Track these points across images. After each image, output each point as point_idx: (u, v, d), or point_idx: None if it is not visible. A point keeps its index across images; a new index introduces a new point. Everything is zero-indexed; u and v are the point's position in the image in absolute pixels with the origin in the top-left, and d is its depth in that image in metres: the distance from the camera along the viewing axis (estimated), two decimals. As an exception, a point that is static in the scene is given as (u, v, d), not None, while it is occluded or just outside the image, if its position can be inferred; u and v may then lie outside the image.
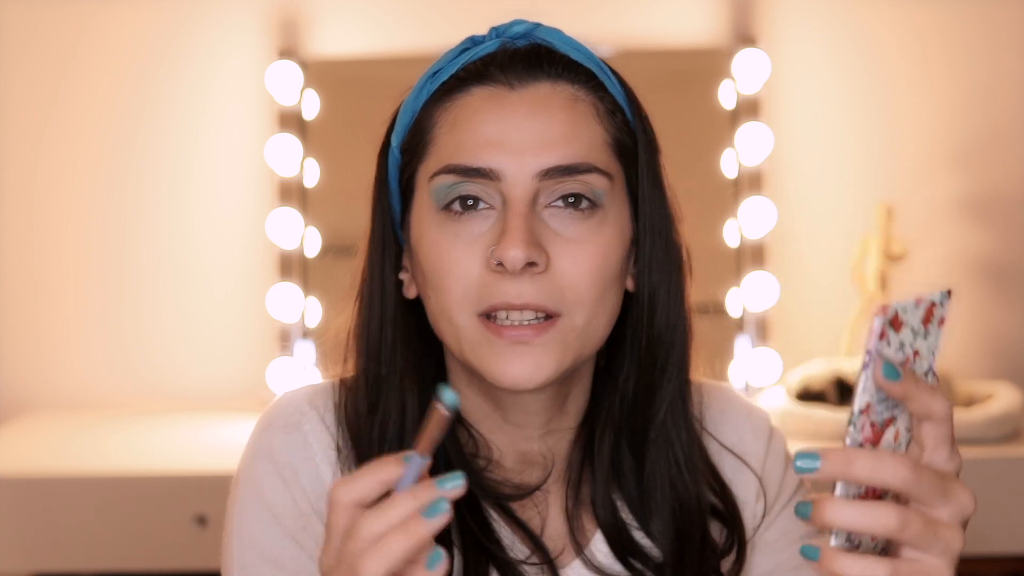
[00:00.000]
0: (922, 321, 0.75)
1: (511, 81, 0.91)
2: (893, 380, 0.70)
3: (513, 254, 0.86)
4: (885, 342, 0.71)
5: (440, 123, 0.92)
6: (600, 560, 0.95)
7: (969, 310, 2.46)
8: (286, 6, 2.45)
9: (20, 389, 2.46)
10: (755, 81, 2.37)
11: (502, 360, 0.88)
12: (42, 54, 2.44)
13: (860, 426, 0.71)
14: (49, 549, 1.99)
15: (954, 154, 2.45)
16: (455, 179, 0.89)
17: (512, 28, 0.95)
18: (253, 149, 2.43)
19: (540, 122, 0.89)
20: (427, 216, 0.91)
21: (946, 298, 0.77)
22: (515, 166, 0.88)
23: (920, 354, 0.75)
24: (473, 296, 0.88)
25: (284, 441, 0.93)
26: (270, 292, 2.38)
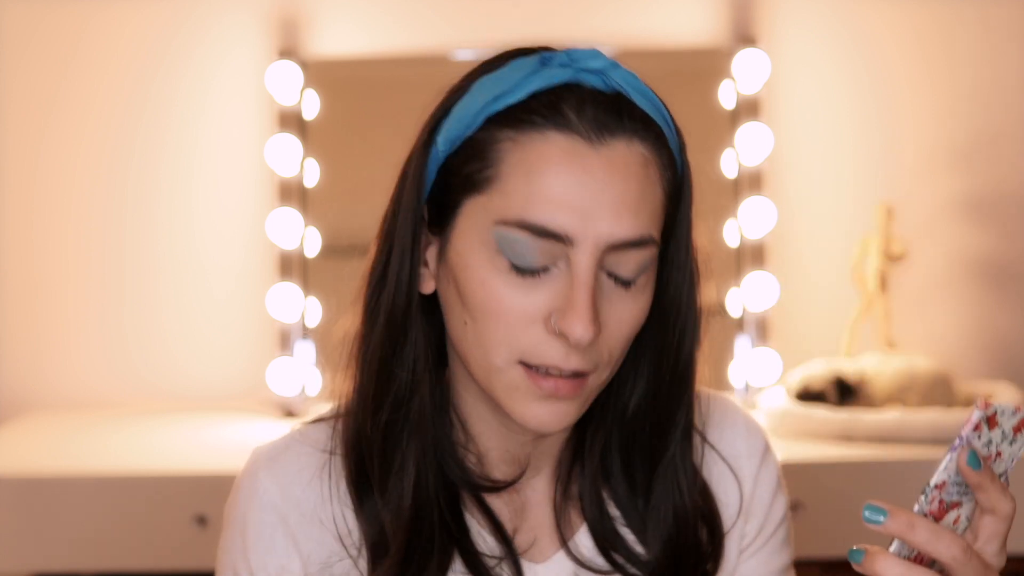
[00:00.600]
0: (1014, 428, 0.82)
1: (590, 135, 0.88)
2: (974, 469, 0.80)
3: (581, 335, 0.87)
4: (977, 434, 0.80)
5: (509, 160, 0.89)
6: (583, 553, 0.98)
7: (969, 310, 2.46)
8: (286, 6, 2.45)
9: (20, 389, 2.46)
10: (755, 81, 2.37)
11: (533, 407, 0.90)
12: (42, 54, 2.44)
13: (930, 499, 0.81)
14: (49, 549, 1.99)
15: (954, 154, 2.45)
16: (527, 236, 0.88)
17: (588, 60, 0.91)
18: (253, 149, 2.43)
19: (616, 188, 0.88)
20: (480, 252, 0.90)
21: None
22: (587, 236, 0.87)
23: (1002, 456, 0.83)
24: (521, 347, 0.89)
25: (268, 476, 0.98)
26: (270, 292, 2.38)
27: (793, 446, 2.10)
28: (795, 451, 2.07)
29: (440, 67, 2.39)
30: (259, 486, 0.97)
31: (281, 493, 0.97)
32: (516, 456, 0.99)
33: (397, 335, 0.94)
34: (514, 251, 0.88)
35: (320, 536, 0.96)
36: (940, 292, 2.45)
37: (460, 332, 0.92)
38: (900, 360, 2.21)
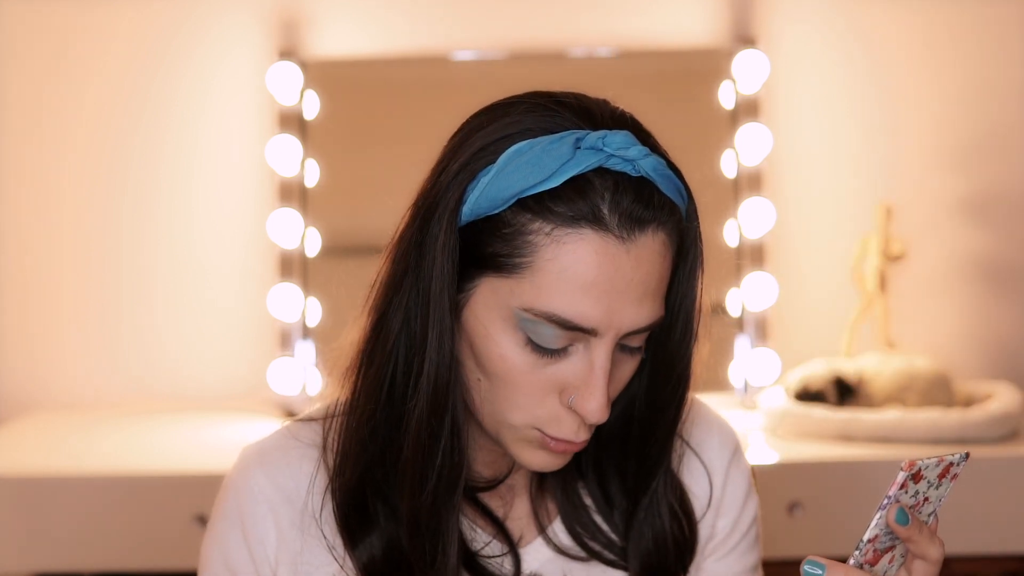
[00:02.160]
0: (939, 476, 0.89)
1: (622, 232, 0.89)
2: (902, 525, 0.87)
3: (598, 417, 0.91)
4: (904, 491, 0.86)
5: (541, 253, 0.89)
6: (561, 540, 1.03)
7: (969, 310, 2.46)
8: (286, 6, 2.45)
9: (21, 389, 2.46)
10: (755, 81, 2.38)
11: (537, 457, 0.95)
12: (42, 54, 2.45)
13: (864, 551, 0.87)
14: (49, 549, 1.99)
15: (953, 154, 2.45)
16: (553, 328, 0.90)
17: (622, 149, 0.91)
18: (253, 149, 2.44)
19: (642, 281, 0.91)
20: (501, 325, 0.92)
21: (964, 459, 0.90)
22: (611, 328, 0.91)
23: (929, 500, 0.90)
24: (539, 418, 0.93)
25: (261, 471, 1.00)
26: (271, 292, 2.38)
27: (792, 446, 2.10)
28: (794, 451, 2.07)
29: (440, 67, 2.39)
30: (252, 481, 0.99)
31: (274, 488, 0.99)
32: (502, 458, 1.02)
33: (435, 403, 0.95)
34: (536, 333, 0.91)
35: (308, 534, 0.99)
36: (939, 292, 2.46)
37: (473, 384, 0.95)
38: (899, 360, 2.21)
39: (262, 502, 0.99)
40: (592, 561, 1.02)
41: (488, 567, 0.99)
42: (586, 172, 0.89)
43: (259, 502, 0.99)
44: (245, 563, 0.99)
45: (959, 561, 2.04)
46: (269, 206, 2.42)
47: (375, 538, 0.97)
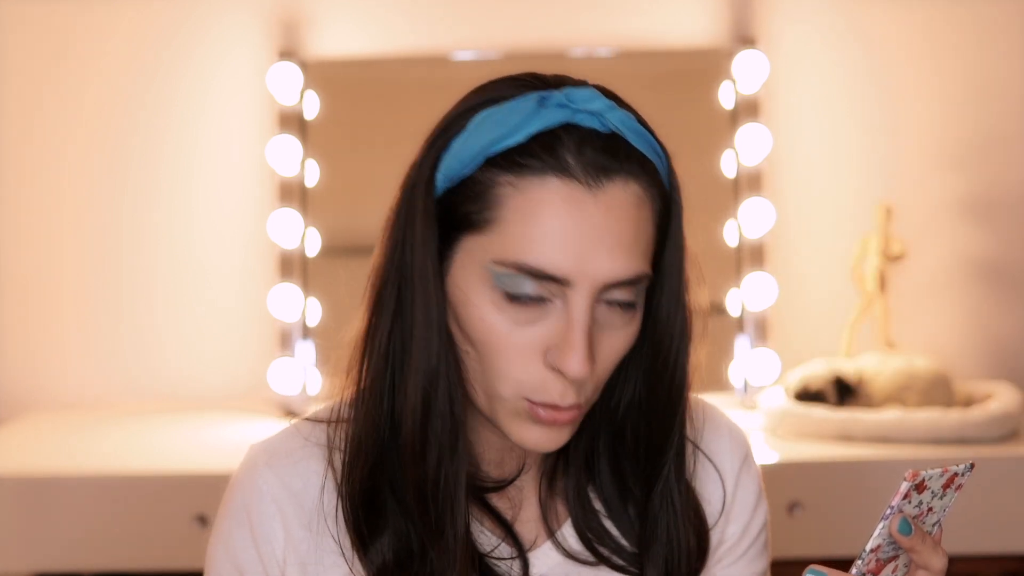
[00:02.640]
0: (942, 486, 0.88)
1: (588, 180, 0.90)
2: (905, 535, 0.88)
3: (577, 371, 0.90)
4: (907, 501, 0.86)
5: (509, 204, 0.90)
6: (571, 545, 1.01)
7: (969, 310, 2.46)
8: (286, 7, 2.45)
9: (21, 389, 2.47)
10: (754, 82, 2.38)
11: (532, 433, 0.94)
12: (42, 54, 2.45)
13: (867, 560, 0.87)
14: (49, 549, 1.99)
15: (954, 154, 2.45)
16: (523, 277, 0.90)
17: (587, 102, 0.93)
18: (254, 149, 2.44)
19: (611, 232, 0.90)
20: (479, 287, 0.92)
21: (968, 470, 0.89)
22: (585, 276, 0.90)
23: (933, 510, 0.89)
24: (524, 384, 0.92)
25: (269, 469, 1.00)
26: (271, 292, 2.38)
27: (792, 446, 2.10)
28: (794, 451, 2.07)
29: (440, 67, 2.39)
30: (260, 480, 0.99)
31: (282, 487, 0.98)
32: (510, 457, 1.01)
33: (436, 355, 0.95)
34: (512, 286, 0.91)
35: (317, 533, 0.98)
36: (939, 292, 2.46)
37: (463, 359, 0.95)
38: (899, 360, 2.21)
39: (270, 501, 0.98)
40: (600, 566, 1.01)
41: (496, 569, 0.98)
42: (554, 128, 0.91)
43: (267, 501, 0.98)
44: (252, 562, 0.99)
45: (959, 561, 2.04)
46: (269, 206, 2.42)
47: (386, 540, 0.96)
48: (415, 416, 0.94)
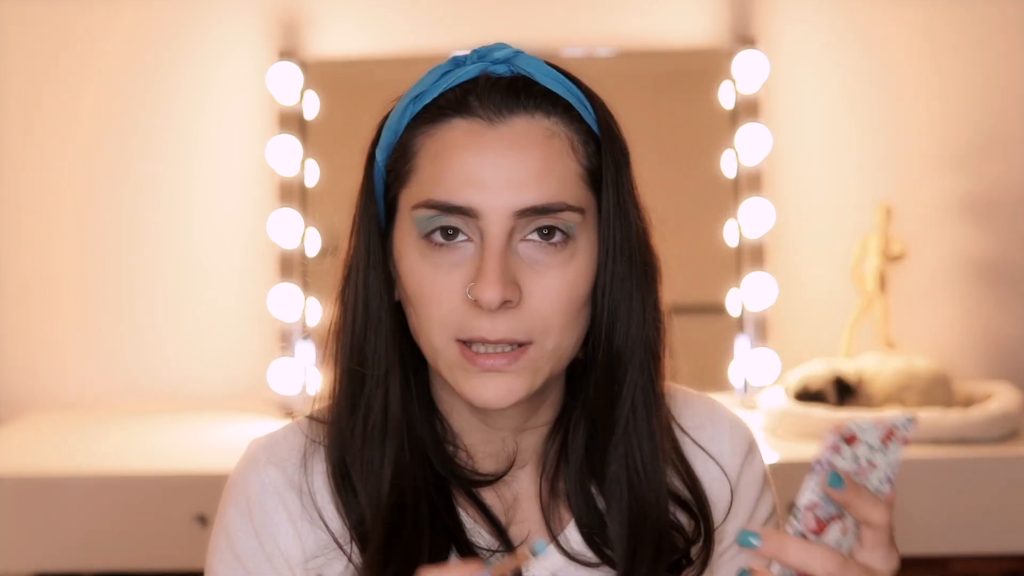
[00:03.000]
0: (881, 439, 0.84)
1: (490, 115, 0.93)
2: (836, 489, 0.82)
3: (489, 296, 0.90)
4: (838, 455, 0.82)
5: (422, 152, 0.95)
6: (573, 547, 0.99)
7: (969, 310, 2.46)
8: (286, 7, 2.45)
9: (21, 389, 2.47)
10: (754, 82, 2.38)
11: (476, 385, 0.93)
12: (42, 54, 2.45)
13: (803, 519, 0.82)
14: (49, 549, 1.99)
15: (953, 154, 2.45)
16: (435, 213, 0.93)
17: (494, 52, 0.97)
18: (254, 150, 2.44)
19: (516, 161, 0.92)
20: (408, 240, 0.95)
21: (909, 424, 0.85)
22: (491, 205, 0.91)
23: (876, 466, 0.85)
24: (451, 324, 0.93)
25: (270, 463, 1.00)
26: (271, 292, 2.38)
27: (792, 446, 2.10)
28: (794, 451, 2.07)
29: (440, 67, 2.39)
30: (261, 471, 0.99)
31: (284, 480, 0.99)
32: (501, 451, 1.01)
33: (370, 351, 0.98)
34: (428, 227, 0.93)
35: (321, 527, 0.98)
36: (939, 292, 2.46)
37: (413, 325, 0.96)
38: (899, 360, 2.21)
39: (272, 494, 0.99)
40: (603, 567, 0.99)
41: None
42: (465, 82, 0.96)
43: (269, 494, 0.99)
44: (255, 553, 0.98)
45: (959, 561, 2.04)
46: (269, 206, 2.42)
47: (371, 521, 0.96)
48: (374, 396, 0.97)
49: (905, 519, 1.99)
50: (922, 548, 2.01)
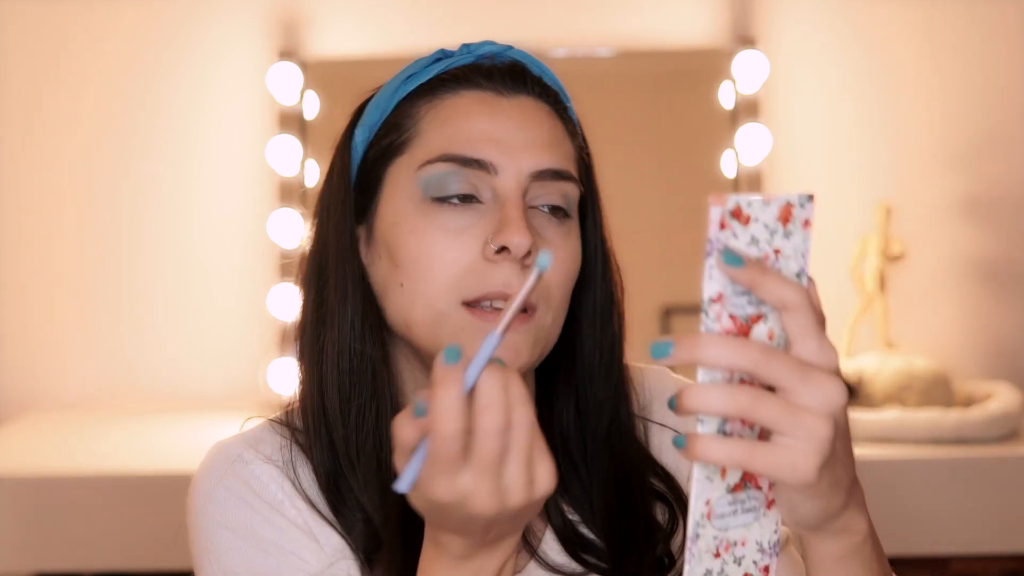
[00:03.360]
0: (779, 219, 0.72)
1: (500, 89, 0.94)
2: (735, 267, 0.70)
3: (519, 240, 0.88)
4: (729, 233, 0.71)
5: (427, 119, 0.94)
6: (554, 559, 0.98)
7: (969, 310, 2.46)
8: (286, 7, 2.45)
9: (21, 389, 2.47)
10: (754, 82, 2.38)
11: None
12: (42, 54, 2.45)
13: (714, 315, 0.71)
14: (49, 549, 1.99)
15: (953, 154, 2.45)
16: (450, 167, 0.91)
17: (484, 47, 0.98)
18: (254, 150, 2.44)
19: (530, 128, 0.93)
20: (408, 204, 0.93)
21: (807, 200, 0.73)
22: (510, 163, 0.91)
23: (783, 252, 0.73)
24: (462, 283, 0.90)
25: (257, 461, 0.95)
26: (271, 292, 2.38)
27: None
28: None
29: (440, 67, 2.39)
30: (256, 468, 0.95)
31: (272, 464, 0.95)
32: None
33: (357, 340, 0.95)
34: (440, 186, 0.91)
35: (323, 526, 0.94)
36: (939, 292, 2.46)
37: (399, 300, 0.93)
38: (899, 360, 2.21)
39: (269, 480, 0.94)
40: (589, 575, 0.97)
41: None
42: (459, 67, 0.96)
43: (274, 489, 0.93)
44: (281, 528, 0.92)
45: (959, 561, 2.04)
46: (269, 206, 2.42)
47: (356, 515, 0.93)
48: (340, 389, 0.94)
49: (905, 519, 1.99)
50: (922, 548, 2.01)
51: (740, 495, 0.74)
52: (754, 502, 0.75)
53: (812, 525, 0.75)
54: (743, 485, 0.74)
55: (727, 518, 0.74)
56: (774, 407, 0.68)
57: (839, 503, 0.74)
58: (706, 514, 0.73)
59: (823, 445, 0.69)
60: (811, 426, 0.69)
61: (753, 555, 0.75)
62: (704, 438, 0.69)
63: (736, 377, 0.71)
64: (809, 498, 0.73)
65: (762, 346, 0.69)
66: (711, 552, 0.73)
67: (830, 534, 0.76)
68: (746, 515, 0.75)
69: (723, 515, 0.73)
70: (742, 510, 0.74)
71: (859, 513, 0.77)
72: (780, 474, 0.69)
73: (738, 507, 0.74)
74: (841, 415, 0.70)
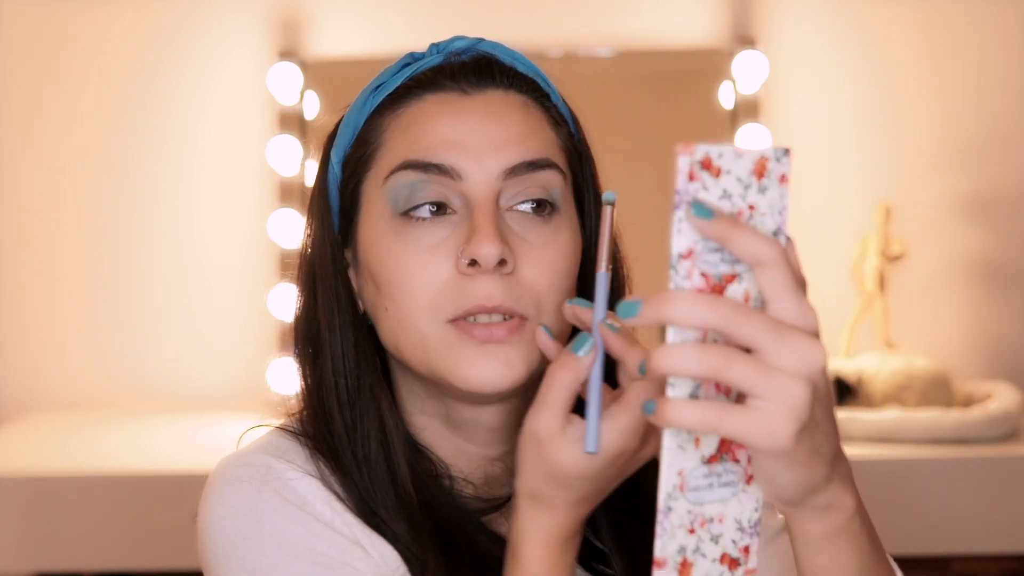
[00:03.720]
0: (753, 173, 0.68)
1: (464, 88, 0.90)
2: (704, 219, 0.66)
3: (487, 250, 0.84)
4: (699, 185, 0.66)
5: (391, 129, 0.91)
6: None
7: (968, 310, 2.46)
8: (286, 7, 2.45)
9: (21, 389, 2.47)
10: (754, 82, 2.38)
11: (474, 361, 0.86)
12: (42, 54, 2.45)
13: (684, 272, 0.67)
14: (49, 549, 1.99)
15: (953, 154, 2.45)
16: (414, 175, 0.88)
17: (453, 43, 0.94)
18: (254, 150, 2.44)
19: (498, 125, 0.89)
20: (381, 223, 0.89)
21: (783, 155, 0.69)
22: (476, 166, 0.87)
23: (759, 209, 0.69)
24: (442, 302, 0.87)
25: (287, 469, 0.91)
26: (271, 292, 2.38)
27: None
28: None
29: (440, 67, 2.39)
30: (295, 482, 0.89)
31: (305, 473, 0.90)
32: (493, 476, 0.95)
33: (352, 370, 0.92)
34: (408, 198, 0.88)
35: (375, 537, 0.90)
36: (939, 292, 2.46)
37: (387, 326, 0.90)
38: (899, 360, 2.21)
39: (307, 490, 0.89)
40: None
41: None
42: (428, 69, 0.92)
43: (305, 489, 0.89)
44: (335, 538, 0.87)
45: (959, 561, 2.04)
46: (269, 206, 2.42)
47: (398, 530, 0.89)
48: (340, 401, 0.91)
49: (905, 519, 1.99)
50: (922, 548, 2.01)
51: (716, 467, 0.70)
52: (732, 475, 0.70)
53: (793, 499, 0.71)
54: (719, 457, 0.70)
55: (702, 491, 0.69)
56: (747, 367, 0.64)
57: (821, 475, 0.70)
58: (678, 486, 0.68)
59: (800, 408, 0.64)
60: (787, 388, 0.64)
61: (732, 533, 0.71)
62: (673, 401, 0.65)
63: (710, 339, 0.67)
64: (788, 467, 0.68)
65: (735, 303, 0.65)
66: (685, 527, 0.69)
67: (814, 511, 0.72)
68: (723, 489, 0.70)
69: (697, 488, 0.69)
70: (718, 484, 0.70)
71: (844, 488, 0.73)
72: (754, 439, 0.64)
73: (714, 480, 0.70)
74: (820, 378, 0.66)
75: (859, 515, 0.74)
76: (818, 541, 0.73)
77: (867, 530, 0.75)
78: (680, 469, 0.68)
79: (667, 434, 0.68)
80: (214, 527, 0.89)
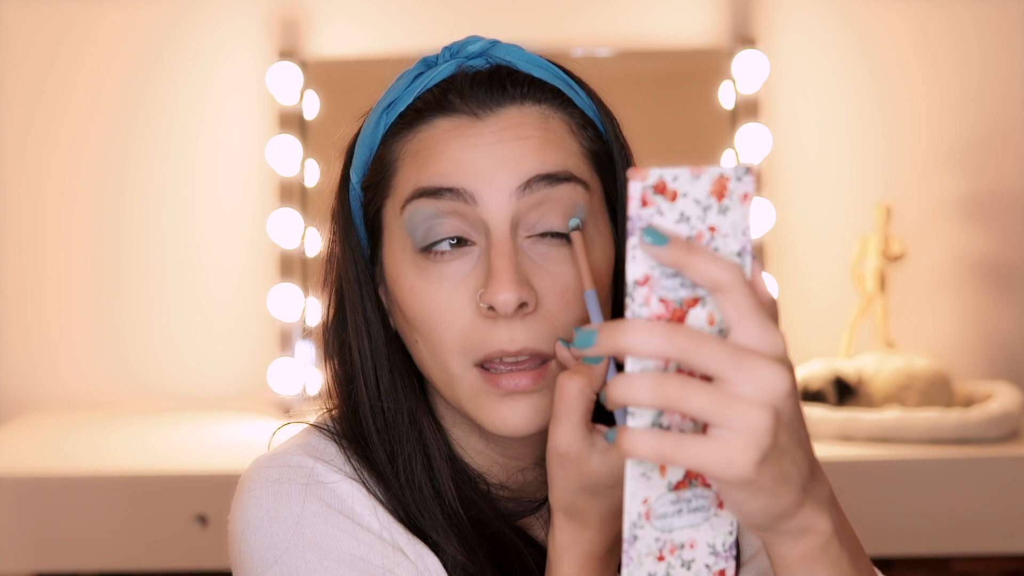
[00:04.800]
0: (712, 194, 0.66)
1: (475, 110, 0.86)
2: (659, 246, 0.64)
3: (504, 298, 0.81)
4: (654, 210, 0.65)
5: (403, 155, 0.88)
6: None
7: (969, 310, 2.46)
8: (286, 7, 2.45)
9: (22, 389, 2.47)
10: (754, 82, 2.38)
11: (501, 411, 0.84)
12: (41, 54, 2.45)
13: (641, 300, 0.65)
14: (49, 549, 1.99)
15: (953, 154, 2.45)
16: (428, 204, 0.84)
17: (467, 47, 0.90)
18: (254, 150, 2.44)
19: (511, 146, 0.85)
20: (403, 256, 0.87)
21: (744, 173, 0.67)
22: (489, 186, 0.83)
23: (720, 230, 0.67)
24: (468, 345, 0.84)
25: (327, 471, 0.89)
26: (271, 292, 2.38)
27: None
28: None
29: (440, 67, 2.39)
30: (337, 486, 0.88)
31: (344, 475, 0.89)
32: (527, 481, 0.94)
33: (388, 391, 0.91)
34: (427, 233, 0.85)
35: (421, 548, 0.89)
36: (939, 292, 2.46)
37: (420, 356, 0.89)
38: (899, 360, 2.21)
39: (349, 494, 0.88)
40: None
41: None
42: (441, 82, 0.88)
43: (343, 495, 0.87)
44: (375, 546, 0.86)
45: (959, 561, 2.04)
46: (269, 206, 2.42)
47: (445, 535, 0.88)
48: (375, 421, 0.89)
49: (905, 519, 1.99)
50: (922, 548, 2.01)
51: (685, 493, 0.69)
52: (702, 501, 0.69)
53: (763, 525, 0.68)
54: (687, 483, 0.69)
55: (670, 518, 0.68)
56: (704, 397, 0.62)
57: (789, 500, 0.67)
58: (644, 514, 0.67)
59: (761, 437, 0.62)
60: (746, 416, 0.62)
61: (705, 558, 0.70)
62: (631, 432, 0.63)
63: (673, 367, 0.65)
64: (752, 496, 0.65)
65: (690, 331, 0.63)
66: (653, 555, 0.68)
67: (787, 535, 0.69)
68: (693, 515, 0.69)
69: (665, 515, 0.68)
70: (688, 509, 0.69)
71: (818, 512, 0.69)
72: (712, 469, 0.63)
73: (683, 506, 0.69)
74: (785, 404, 0.64)
75: (838, 537, 0.71)
76: (793, 565, 0.71)
77: (849, 552, 0.72)
78: (645, 497, 0.68)
79: (629, 463, 0.67)
80: (251, 529, 0.86)
